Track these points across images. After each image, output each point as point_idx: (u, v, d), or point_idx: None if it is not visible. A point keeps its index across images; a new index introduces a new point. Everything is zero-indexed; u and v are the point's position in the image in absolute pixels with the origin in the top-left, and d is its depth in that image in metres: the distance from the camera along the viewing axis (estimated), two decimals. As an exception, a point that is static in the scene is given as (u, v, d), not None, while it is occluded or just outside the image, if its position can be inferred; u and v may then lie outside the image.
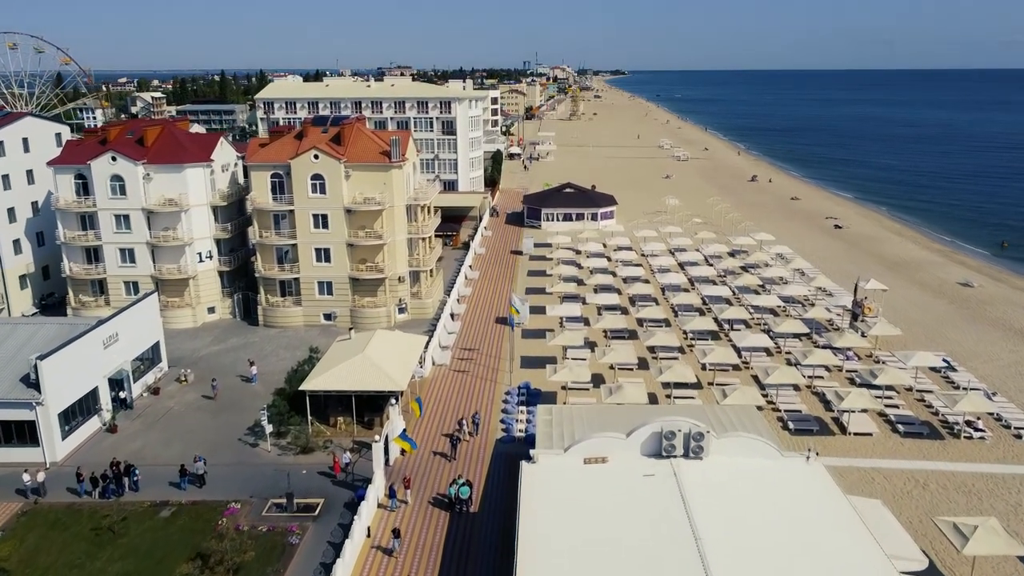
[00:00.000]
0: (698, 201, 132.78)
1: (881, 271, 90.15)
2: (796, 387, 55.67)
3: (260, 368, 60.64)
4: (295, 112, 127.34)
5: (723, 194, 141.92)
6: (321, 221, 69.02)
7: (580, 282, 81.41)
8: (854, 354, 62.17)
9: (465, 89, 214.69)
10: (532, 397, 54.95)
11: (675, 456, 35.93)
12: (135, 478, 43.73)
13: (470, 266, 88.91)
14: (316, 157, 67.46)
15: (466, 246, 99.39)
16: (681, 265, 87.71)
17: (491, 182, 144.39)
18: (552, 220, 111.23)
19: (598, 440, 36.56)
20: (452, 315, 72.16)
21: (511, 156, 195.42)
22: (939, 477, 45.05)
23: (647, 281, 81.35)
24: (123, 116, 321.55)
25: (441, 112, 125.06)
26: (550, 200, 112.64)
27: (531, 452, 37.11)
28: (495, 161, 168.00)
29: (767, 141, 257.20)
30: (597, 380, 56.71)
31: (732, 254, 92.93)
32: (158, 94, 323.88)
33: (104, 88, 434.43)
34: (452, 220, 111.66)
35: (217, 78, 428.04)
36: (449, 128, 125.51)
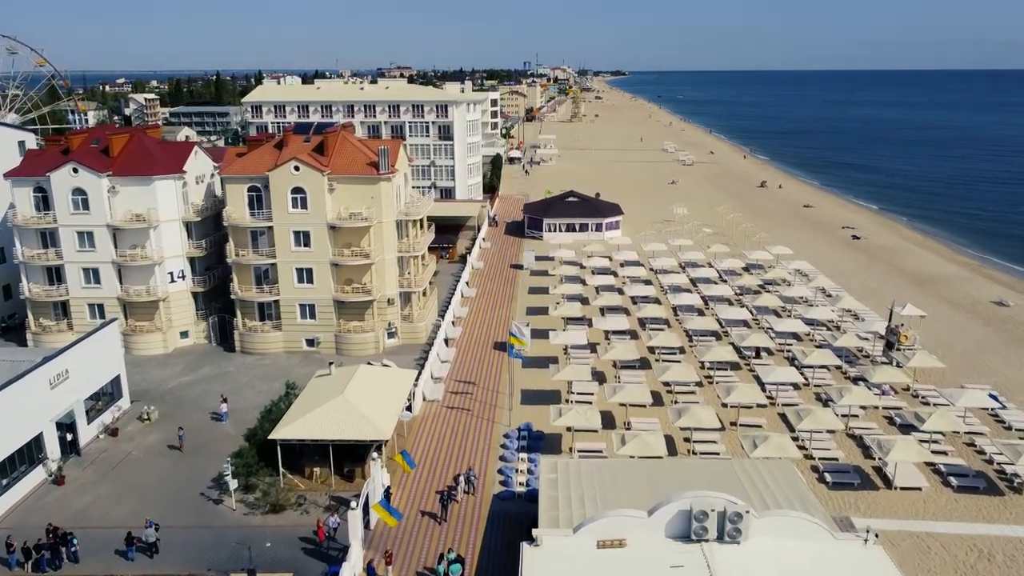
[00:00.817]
0: (707, 209, 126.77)
1: (906, 287, 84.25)
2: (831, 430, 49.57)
3: (233, 403, 54.69)
4: (284, 116, 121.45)
5: (732, 201, 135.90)
6: (303, 238, 62.99)
7: (585, 300, 75.42)
8: (890, 388, 56.17)
9: (464, 91, 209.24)
10: (534, 441, 48.99)
11: (707, 540, 29.93)
12: (73, 548, 37.70)
13: (467, 283, 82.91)
14: (297, 169, 61.46)
15: (463, 259, 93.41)
16: (693, 282, 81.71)
17: (490, 188, 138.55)
18: (554, 231, 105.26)
19: (614, 519, 30.55)
20: (446, 340, 66.17)
21: (511, 160, 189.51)
22: (1004, 545, 39.02)
23: (658, 301, 75.37)
24: (116, 118, 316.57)
25: (437, 116, 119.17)
26: (552, 209, 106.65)
27: (534, 532, 31.08)
28: (495, 166, 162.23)
29: (773, 144, 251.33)
30: (607, 420, 50.69)
31: (748, 269, 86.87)
32: (151, 95, 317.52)
33: (101, 88, 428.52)
34: (449, 230, 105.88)
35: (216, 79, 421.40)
36: (446, 133, 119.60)
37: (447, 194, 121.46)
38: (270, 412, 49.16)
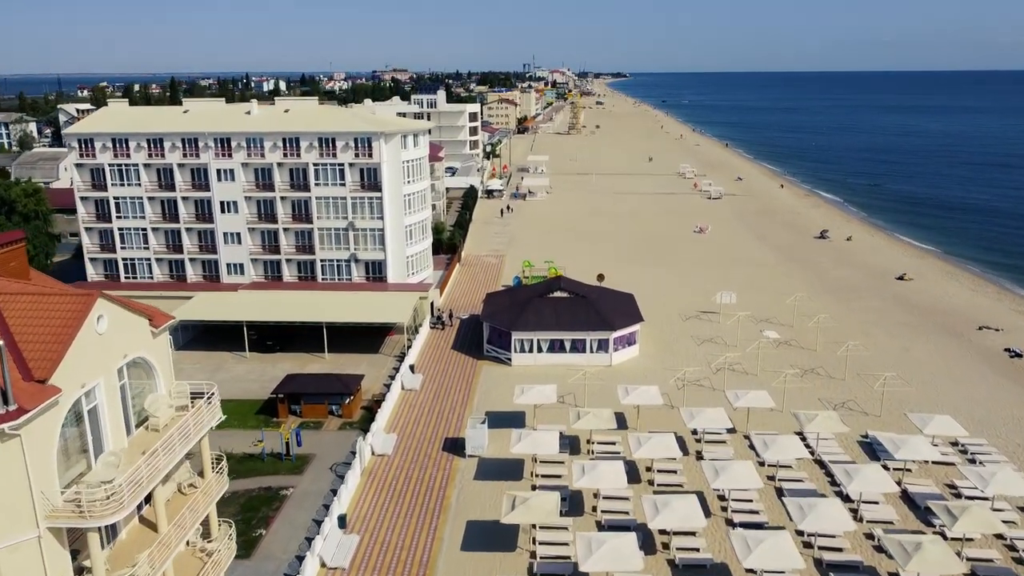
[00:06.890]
0: (759, 284, 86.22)
1: None
2: None
3: None
4: (127, 155, 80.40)
5: (787, 263, 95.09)
6: None
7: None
8: None
9: (435, 107, 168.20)
10: None
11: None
12: None
13: (342, 517, 41.65)
14: None
15: (369, 415, 52.68)
16: (817, 554, 40.51)
17: (450, 247, 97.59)
18: (529, 350, 64.28)
19: None
20: None
21: (489, 193, 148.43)
22: None
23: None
24: (51, 130, 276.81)
25: (358, 154, 78.16)
26: (527, 315, 65.28)
27: None
28: (465, 205, 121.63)
29: (808, 165, 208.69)
30: None
31: (911, 499, 45.36)
32: (85, 105, 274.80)
33: (46, 96, 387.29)
34: (365, 336, 65.75)
35: (210, 83, 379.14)
36: (371, 180, 78.60)
37: (375, 271, 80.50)
38: None
